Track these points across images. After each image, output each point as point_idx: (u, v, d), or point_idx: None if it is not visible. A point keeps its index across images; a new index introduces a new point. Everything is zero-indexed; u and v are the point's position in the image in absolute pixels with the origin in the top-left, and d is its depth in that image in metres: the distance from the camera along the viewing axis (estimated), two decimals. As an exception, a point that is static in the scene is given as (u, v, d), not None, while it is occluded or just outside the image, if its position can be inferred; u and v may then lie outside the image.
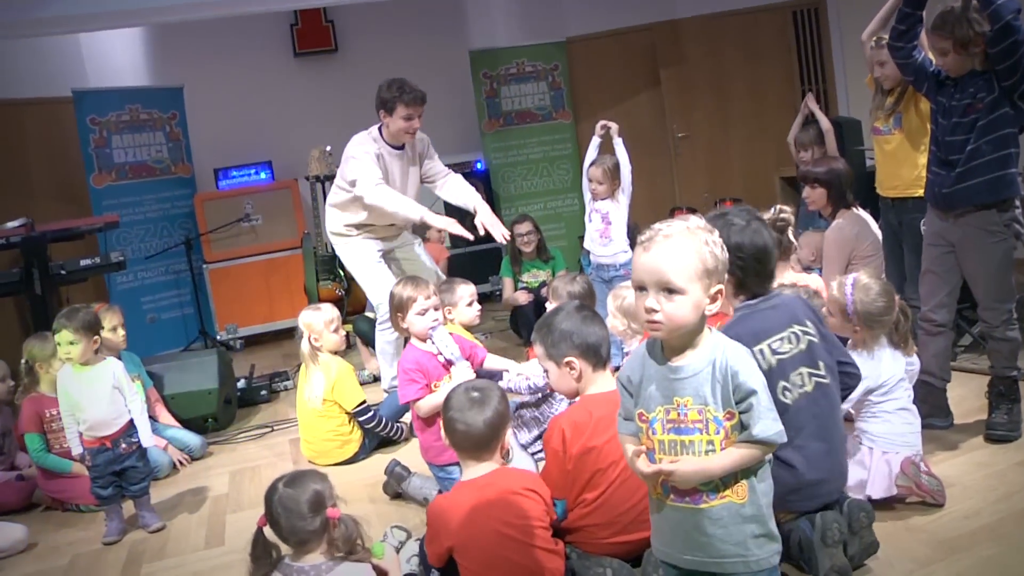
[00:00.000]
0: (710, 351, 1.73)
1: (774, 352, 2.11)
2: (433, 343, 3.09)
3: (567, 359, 2.30)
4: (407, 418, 3.82)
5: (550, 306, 3.48)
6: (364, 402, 3.59)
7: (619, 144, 4.37)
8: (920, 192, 3.44)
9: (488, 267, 6.84)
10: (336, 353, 3.69)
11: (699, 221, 1.73)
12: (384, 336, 4.17)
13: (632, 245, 4.70)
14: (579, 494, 2.28)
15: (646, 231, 1.74)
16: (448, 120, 7.11)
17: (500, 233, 4.01)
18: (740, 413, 1.69)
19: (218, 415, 4.31)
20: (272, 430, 4.29)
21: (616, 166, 4.43)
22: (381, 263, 4.28)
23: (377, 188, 3.98)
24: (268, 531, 2.02)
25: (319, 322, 3.59)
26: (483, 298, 6.74)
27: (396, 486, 3.13)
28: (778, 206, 3.17)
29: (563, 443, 2.25)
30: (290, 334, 6.41)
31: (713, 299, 1.71)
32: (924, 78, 2.95)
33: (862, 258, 3.73)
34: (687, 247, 1.67)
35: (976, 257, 2.88)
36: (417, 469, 3.17)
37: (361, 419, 3.59)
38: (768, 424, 1.66)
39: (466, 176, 6.65)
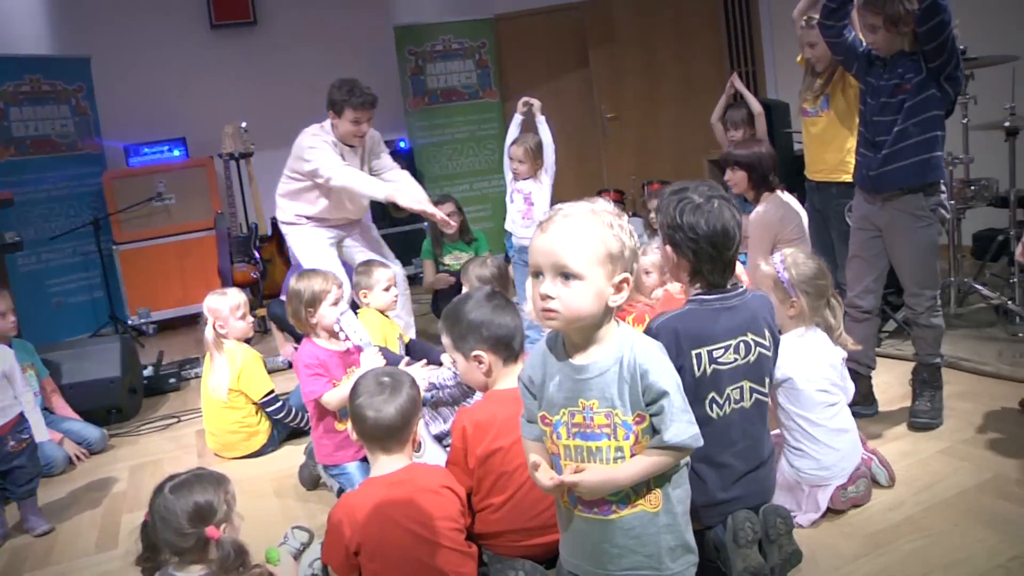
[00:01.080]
0: (617, 347, 1.57)
1: (713, 361, 1.91)
2: (341, 330, 2.88)
3: (475, 352, 2.12)
4: None
5: (464, 291, 3.33)
6: (272, 391, 3.39)
7: (542, 122, 4.19)
8: (846, 177, 3.38)
9: (410, 249, 6.64)
10: (244, 341, 3.46)
11: (607, 204, 1.58)
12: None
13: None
14: (485, 498, 2.13)
15: (547, 212, 1.59)
16: None
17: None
18: (651, 416, 1.52)
19: (122, 405, 4.02)
20: (179, 421, 4.02)
21: (539, 145, 4.25)
22: (332, 249, 4.16)
23: (344, 170, 3.88)
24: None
25: (224, 307, 3.37)
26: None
27: (313, 468, 2.91)
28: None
29: (464, 441, 2.11)
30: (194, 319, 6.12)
31: (618, 288, 1.55)
32: (854, 58, 2.86)
33: (786, 242, 3.62)
34: (588, 229, 1.52)
35: (903, 242, 2.80)
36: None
37: (269, 409, 3.38)
38: (682, 428, 1.51)
39: (391, 155, 6.59)
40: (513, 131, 4.37)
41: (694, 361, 1.88)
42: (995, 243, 4.01)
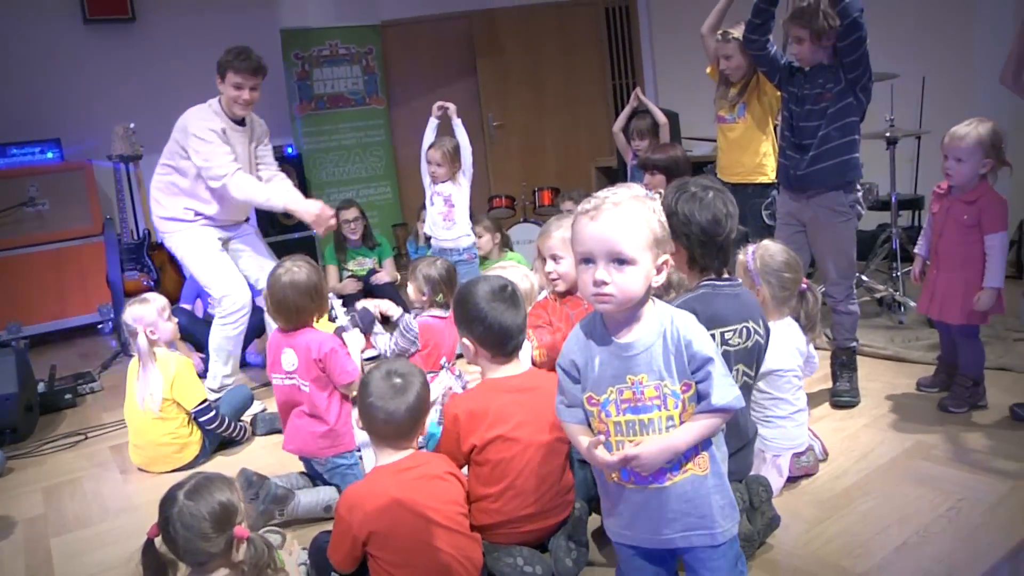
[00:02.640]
0: (658, 322, 1.65)
1: (724, 342, 2.05)
2: (332, 309, 2.92)
3: (464, 340, 2.17)
4: (248, 415, 3.58)
5: (409, 287, 3.35)
6: (206, 400, 3.25)
7: (458, 125, 4.25)
8: (761, 178, 3.64)
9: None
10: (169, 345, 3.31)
11: (640, 189, 1.65)
12: (224, 332, 3.79)
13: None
14: (482, 487, 2.14)
15: (590, 199, 1.62)
16: (258, 104, 6.63)
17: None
18: (697, 383, 1.63)
19: (18, 425, 3.73)
20: (86, 437, 3.77)
21: (456, 148, 4.31)
22: (224, 252, 3.91)
23: (238, 178, 3.68)
24: (160, 543, 1.73)
25: (151, 313, 3.21)
26: None
27: (277, 512, 2.66)
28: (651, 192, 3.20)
29: (456, 427, 2.13)
30: (86, 331, 5.75)
31: (659, 270, 1.63)
32: (776, 69, 3.10)
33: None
34: (637, 215, 1.58)
35: (826, 235, 3.06)
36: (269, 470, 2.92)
37: (203, 419, 3.24)
38: (726, 390, 1.60)
39: (277, 161, 6.42)
40: (429, 135, 4.40)
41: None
42: (879, 241, 4.41)
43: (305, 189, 6.58)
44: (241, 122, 3.87)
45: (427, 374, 3.13)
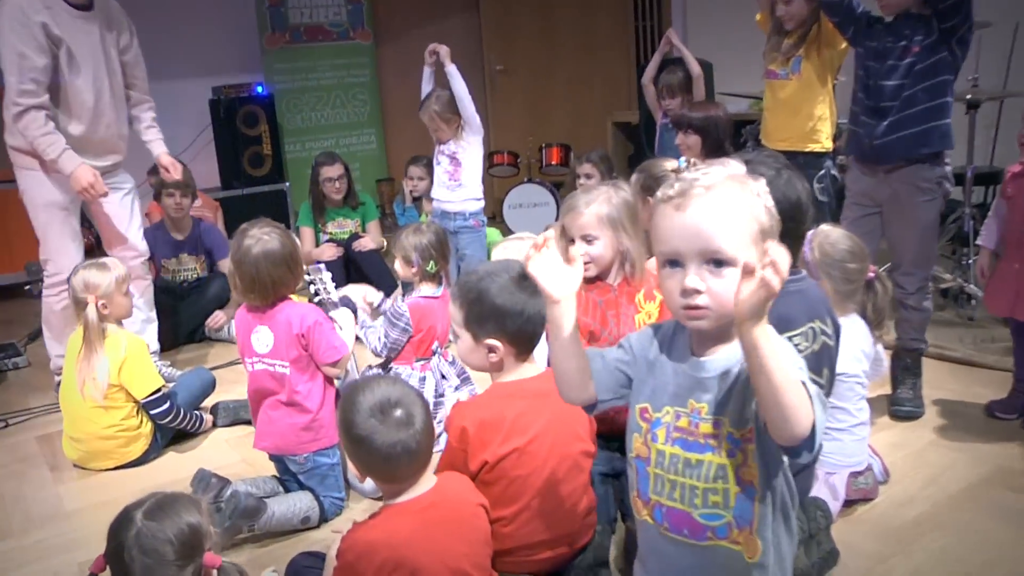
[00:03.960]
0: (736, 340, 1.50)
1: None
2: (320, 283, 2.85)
3: (491, 341, 2.05)
4: (208, 403, 3.51)
5: (401, 267, 3.27)
6: (160, 388, 3.16)
7: (452, 73, 4.05)
8: (813, 146, 3.55)
9: (269, 212, 6.21)
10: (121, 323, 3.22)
11: (739, 166, 1.49)
12: (47, 304, 3.67)
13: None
14: (493, 509, 2.04)
15: (674, 183, 1.46)
16: (221, 32, 6.59)
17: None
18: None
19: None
20: (7, 425, 3.63)
21: (448, 102, 4.11)
22: (69, 208, 3.62)
23: (24, 108, 3.32)
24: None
25: (108, 282, 3.09)
26: None
27: (245, 527, 2.56)
28: (687, 160, 3.11)
29: (464, 443, 2.04)
30: (10, 293, 5.64)
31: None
32: (852, 19, 2.98)
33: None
34: (737, 201, 1.41)
35: (905, 216, 2.96)
36: (235, 476, 2.82)
37: (155, 411, 3.15)
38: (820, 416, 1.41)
39: (244, 102, 6.39)
40: (425, 87, 4.23)
41: None
42: (946, 221, 4.29)
43: (276, 136, 6.51)
44: (85, 6, 3.46)
45: (418, 361, 3.12)
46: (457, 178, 4.03)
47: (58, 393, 3.37)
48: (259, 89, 6.50)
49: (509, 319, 2.02)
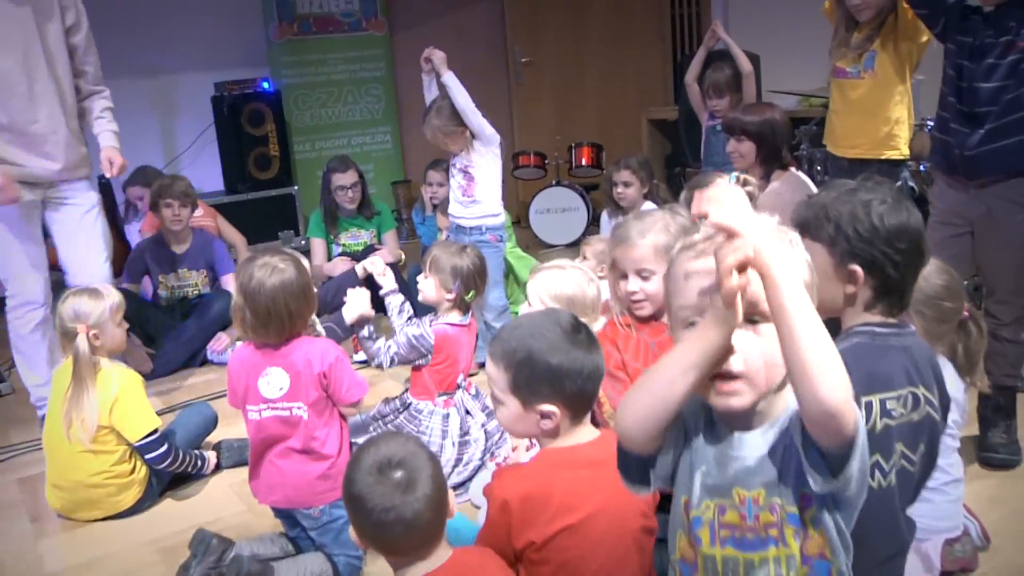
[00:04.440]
0: (783, 405, 1.36)
1: (885, 413, 1.72)
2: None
3: (546, 407, 1.85)
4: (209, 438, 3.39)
5: (425, 282, 3.12)
6: (156, 430, 2.98)
7: (448, 83, 3.72)
8: (890, 153, 3.37)
9: (277, 218, 6.32)
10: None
11: (771, 218, 1.37)
12: (12, 327, 3.53)
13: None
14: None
15: (688, 237, 1.36)
16: (224, 22, 6.41)
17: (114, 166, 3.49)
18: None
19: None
20: (-23, 466, 3.46)
21: (451, 113, 3.83)
22: (24, 218, 3.43)
23: None
24: None
25: (103, 311, 2.95)
26: None
27: None
28: (738, 174, 2.93)
29: (507, 517, 1.86)
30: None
31: None
32: (942, 10, 2.79)
33: (801, 232, 3.56)
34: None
35: (1000, 237, 2.77)
36: (240, 531, 2.72)
37: (150, 455, 2.98)
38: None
39: (248, 98, 6.23)
40: (427, 96, 3.99)
41: (862, 411, 1.68)
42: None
43: (284, 135, 6.41)
44: None
45: (440, 396, 2.93)
46: (471, 194, 3.79)
47: (43, 429, 3.18)
48: (265, 85, 6.37)
49: (568, 380, 1.82)
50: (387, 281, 3.21)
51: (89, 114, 3.59)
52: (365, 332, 3.03)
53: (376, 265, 3.28)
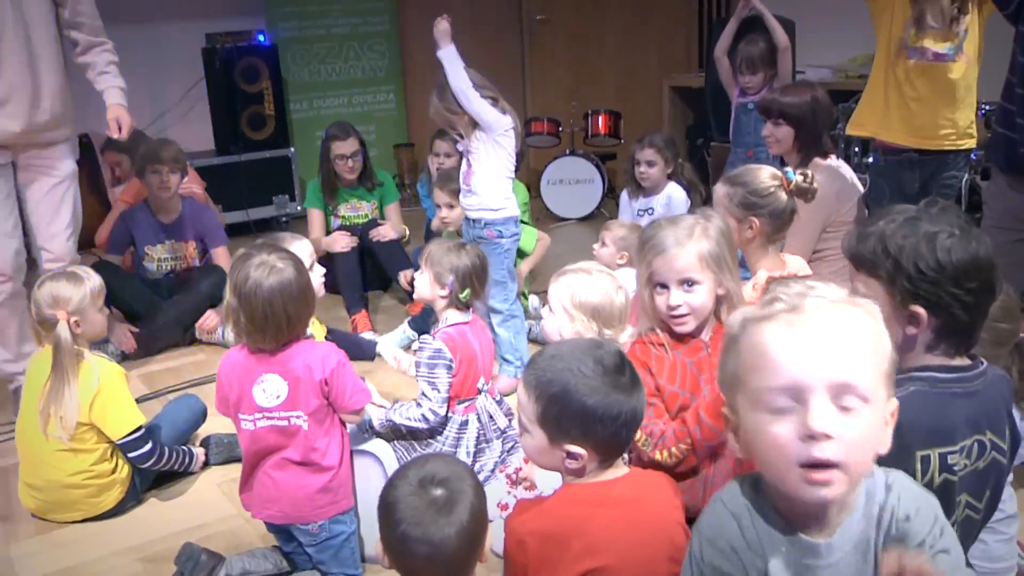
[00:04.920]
0: (865, 495, 1.33)
1: (946, 468, 1.65)
2: None
3: (573, 448, 1.78)
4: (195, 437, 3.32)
5: (420, 277, 3.04)
6: (140, 427, 2.91)
7: (444, 57, 3.48)
8: (968, 143, 3.32)
9: (271, 182, 6.27)
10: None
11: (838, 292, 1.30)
12: None
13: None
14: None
15: (778, 291, 1.29)
16: None
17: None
18: None
19: None
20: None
21: (448, 98, 3.64)
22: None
23: None
24: None
25: (82, 296, 2.87)
26: (263, 225, 6.10)
27: None
28: (801, 171, 2.82)
29: (525, 556, 1.81)
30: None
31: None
32: None
33: (840, 226, 3.46)
34: (866, 325, 1.28)
35: None
36: (229, 539, 2.70)
37: (133, 454, 2.90)
38: None
39: (242, 52, 6.13)
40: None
41: (919, 467, 1.63)
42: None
43: (280, 93, 6.36)
44: None
45: (460, 403, 2.85)
46: (469, 183, 3.64)
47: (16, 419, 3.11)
48: (261, 38, 6.32)
49: (600, 425, 1.75)
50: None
51: (92, 69, 3.51)
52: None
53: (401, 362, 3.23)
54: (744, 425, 1.29)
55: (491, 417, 2.96)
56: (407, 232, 4.90)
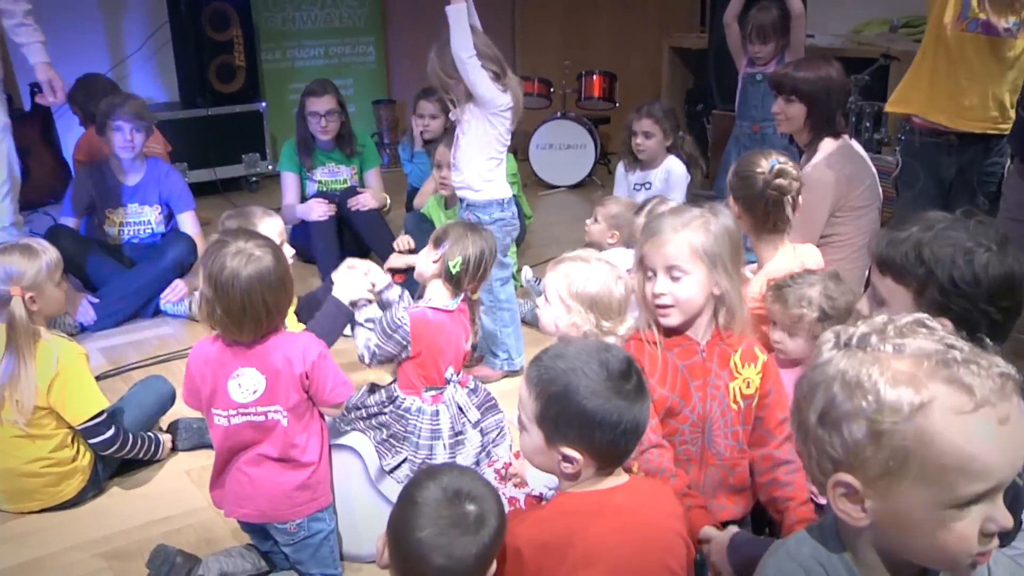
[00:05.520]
0: None
1: None
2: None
3: (568, 451, 1.79)
4: (165, 420, 3.31)
5: (424, 259, 2.97)
6: (103, 412, 2.89)
7: (450, 11, 3.37)
8: (1008, 127, 3.27)
9: (241, 138, 6.21)
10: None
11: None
12: None
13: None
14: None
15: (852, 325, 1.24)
16: None
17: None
18: None
19: None
20: None
21: (448, 64, 3.56)
22: None
23: None
24: None
25: (39, 270, 2.84)
26: (231, 185, 6.07)
27: None
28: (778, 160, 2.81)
29: (518, 566, 1.82)
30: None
31: None
32: None
33: (851, 211, 3.44)
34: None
35: None
36: (199, 533, 2.73)
37: (95, 440, 2.89)
38: None
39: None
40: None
41: None
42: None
43: (252, 42, 6.28)
44: None
45: (427, 391, 2.83)
46: (455, 157, 3.60)
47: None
48: None
49: (599, 431, 1.76)
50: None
51: (9, 17, 3.44)
52: (361, 316, 2.90)
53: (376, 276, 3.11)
54: (910, 513, 1.20)
55: (460, 409, 2.94)
56: (388, 201, 4.86)
